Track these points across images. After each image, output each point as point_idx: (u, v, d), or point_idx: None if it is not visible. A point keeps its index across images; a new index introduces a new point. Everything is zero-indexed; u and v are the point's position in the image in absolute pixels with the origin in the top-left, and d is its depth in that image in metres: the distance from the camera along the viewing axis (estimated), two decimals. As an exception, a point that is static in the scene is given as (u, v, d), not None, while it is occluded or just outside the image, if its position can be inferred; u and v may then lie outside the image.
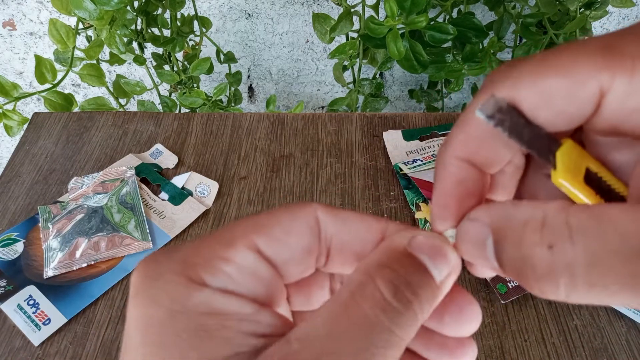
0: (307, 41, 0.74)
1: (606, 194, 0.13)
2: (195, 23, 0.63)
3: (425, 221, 0.39)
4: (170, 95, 0.68)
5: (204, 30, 0.63)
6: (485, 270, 0.14)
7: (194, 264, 0.13)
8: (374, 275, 0.12)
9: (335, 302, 0.12)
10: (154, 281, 0.12)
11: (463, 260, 0.14)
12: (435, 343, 0.14)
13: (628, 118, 0.12)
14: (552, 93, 0.12)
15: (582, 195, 0.13)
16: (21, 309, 0.35)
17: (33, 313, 0.35)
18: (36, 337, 0.34)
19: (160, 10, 0.59)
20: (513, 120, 0.12)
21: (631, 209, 0.10)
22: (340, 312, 0.12)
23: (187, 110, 0.64)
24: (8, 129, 0.53)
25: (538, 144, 0.13)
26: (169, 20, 0.60)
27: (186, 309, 0.12)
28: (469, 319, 0.14)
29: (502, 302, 0.35)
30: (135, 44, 0.62)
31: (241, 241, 0.13)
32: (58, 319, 0.35)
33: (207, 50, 0.72)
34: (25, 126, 0.50)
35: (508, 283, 0.35)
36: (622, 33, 0.12)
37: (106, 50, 0.59)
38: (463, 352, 0.14)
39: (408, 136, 0.46)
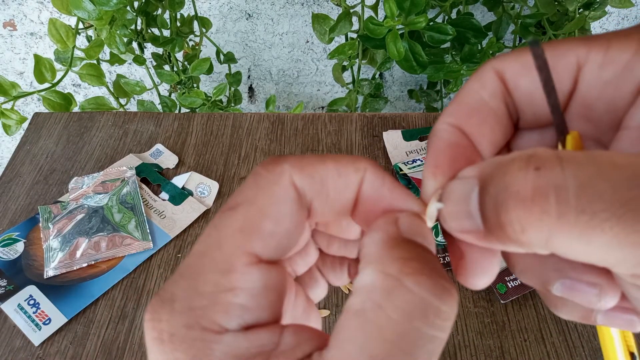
0: (307, 41, 0.74)
1: None
2: (195, 23, 0.63)
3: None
4: (170, 95, 0.68)
5: (204, 30, 0.63)
6: (477, 271, 0.13)
7: (201, 308, 0.11)
8: (398, 275, 0.11)
9: (362, 319, 0.10)
10: (169, 345, 0.11)
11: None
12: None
13: (602, 94, 0.12)
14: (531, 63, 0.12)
15: None
16: (22, 308, 0.35)
17: (33, 313, 0.35)
18: (36, 337, 0.34)
19: (160, 11, 0.59)
20: (548, 76, 0.12)
21: (623, 153, 0.10)
22: (374, 333, 0.10)
23: (187, 111, 0.64)
24: (6, 128, 0.53)
25: (558, 114, 0.13)
26: (168, 20, 0.60)
27: None
28: None
29: (502, 302, 0.35)
30: (135, 44, 0.63)
31: (238, 260, 0.12)
32: (58, 318, 0.35)
33: (207, 51, 0.72)
34: (25, 126, 0.50)
35: (508, 283, 0.35)
36: (599, 35, 0.13)
37: (106, 50, 0.59)
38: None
39: (408, 136, 0.46)
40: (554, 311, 0.14)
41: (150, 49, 0.67)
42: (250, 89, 0.81)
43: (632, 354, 0.14)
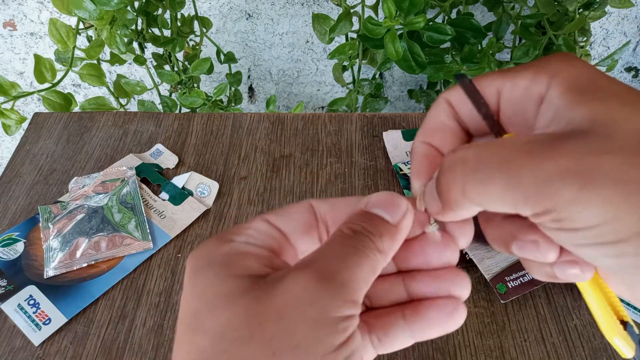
0: (307, 41, 0.75)
1: None
2: (196, 23, 0.63)
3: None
4: (170, 95, 0.68)
5: (204, 30, 0.63)
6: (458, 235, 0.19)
7: (225, 233, 0.18)
8: (341, 227, 0.18)
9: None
10: (198, 250, 0.18)
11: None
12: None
13: (516, 109, 0.18)
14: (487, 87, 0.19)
15: None
16: (21, 308, 0.35)
17: (33, 313, 0.35)
18: (36, 337, 0.34)
19: (160, 11, 0.59)
20: (477, 97, 0.18)
21: (507, 139, 0.16)
22: (327, 242, 0.18)
23: (187, 110, 0.64)
24: (6, 127, 0.53)
25: (491, 122, 0.18)
26: (169, 20, 0.60)
27: (218, 253, 0.17)
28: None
29: (502, 301, 0.35)
30: (135, 44, 0.63)
31: (257, 218, 0.19)
32: (58, 318, 0.35)
33: (208, 51, 0.72)
34: (25, 126, 0.50)
35: (508, 283, 0.35)
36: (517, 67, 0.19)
37: (106, 50, 0.59)
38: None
39: (408, 136, 0.46)
40: (530, 274, 0.19)
41: (150, 49, 0.67)
42: (251, 89, 0.81)
43: (622, 322, 0.17)
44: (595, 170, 0.14)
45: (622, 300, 0.35)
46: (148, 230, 0.39)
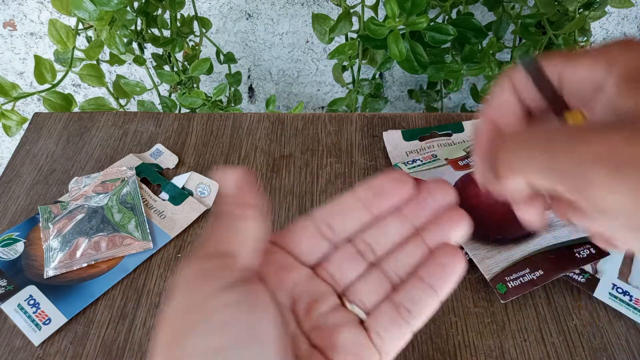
0: (307, 41, 0.74)
1: None
2: (195, 23, 0.63)
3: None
4: (170, 95, 0.68)
5: (204, 30, 0.63)
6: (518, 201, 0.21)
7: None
8: None
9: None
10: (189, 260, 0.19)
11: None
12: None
13: (577, 90, 0.20)
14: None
15: None
16: (21, 308, 0.35)
17: (33, 313, 0.35)
18: (36, 337, 0.34)
19: (160, 11, 0.59)
20: (540, 77, 0.20)
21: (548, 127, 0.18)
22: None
23: (187, 111, 0.64)
24: (7, 128, 0.53)
25: (553, 101, 0.20)
26: (168, 20, 0.60)
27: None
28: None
29: (502, 301, 0.35)
30: (135, 45, 0.63)
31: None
32: (58, 318, 0.35)
33: (207, 51, 0.72)
34: (25, 126, 0.50)
35: (508, 283, 0.35)
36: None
37: (106, 50, 0.59)
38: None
39: (408, 136, 0.46)
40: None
41: (150, 49, 0.67)
42: (250, 89, 0.81)
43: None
44: (626, 158, 0.15)
45: (621, 300, 0.35)
46: (148, 230, 0.39)
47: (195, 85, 0.65)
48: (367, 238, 0.21)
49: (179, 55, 0.67)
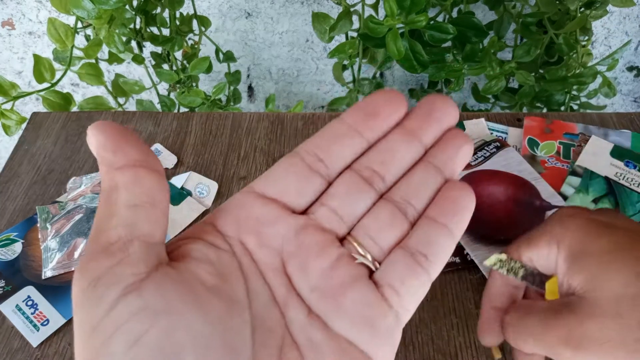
0: (307, 40, 0.74)
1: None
2: (195, 22, 0.62)
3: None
4: (169, 94, 0.68)
5: (203, 29, 0.63)
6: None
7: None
8: None
9: None
10: None
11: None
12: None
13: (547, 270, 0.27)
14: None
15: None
16: (20, 309, 0.35)
17: (32, 314, 0.35)
18: (35, 338, 0.34)
19: (159, 9, 0.59)
20: (515, 267, 0.26)
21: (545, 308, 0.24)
22: None
23: (186, 110, 0.63)
24: (6, 128, 0.53)
25: (532, 280, 0.26)
26: (168, 19, 0.59)
27: None
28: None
29: (503, 302, 0.35)
30: (134, 43, 0.62)
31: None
32: (57, 319, 0.35)
33: (207, 50, 0.71)
34: (23, 126, 0.50)
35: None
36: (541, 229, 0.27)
37: (105, 49, 0.59)
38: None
39: (408, 136, 0.46)
40: None
41: (149, 48, 0.67)
42: (250, 88, 0.81)
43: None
44: (583, 337, 0.21)
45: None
46: (147, 231, 0.39)
47: (194, 84, 0.65)
48: (372, 164, 0.17)
49: (178, 54, 0.66)
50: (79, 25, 0.55)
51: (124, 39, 0.57)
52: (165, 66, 0.65)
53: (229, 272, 0.15)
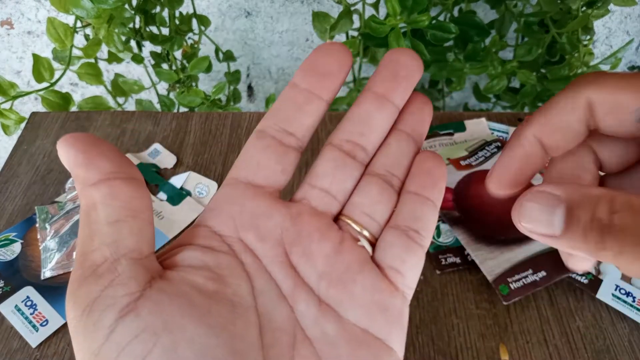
0: (307, 40, 0.74)
1: None
2: (194, 21, 0.62)
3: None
4: (168, 94, 0.68)
5: (203, 28, 0.63)
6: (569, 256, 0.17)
7: None
8: None
9: None
10: None
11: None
12: None
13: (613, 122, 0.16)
14: (623, 104, 0.15)
15: None
16: (18, 310, 0.35)
17: (31, 314, 0.35)
18: (34, 339, 0.34)
19: (158, 9, 0.59)
20: None
21: None
22: None
23: (186, 110, 0.63)
24: (5, 128, 0.52)
25: None
26: (167, 18, 0.59)
27: None
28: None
29: (504, 303, 0.34)
30: (133, 43, 0.62)
31: None
32: (56, 320, 0.34)
33: (206, 49, 0.71)
34: (22, 125, 0.50)
35: (510, 285, 0.35)
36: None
37: (104, 48, 0.59)
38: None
39: (409, 136, 0.45)
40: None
41: (148, 47, 0.67)
42: (250, 87, 0.81)
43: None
44: None
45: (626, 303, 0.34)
46: (146, 231, 0.39)
47: (194, 84, 0.64)
48: (352, 136, 0.17)
49: (178, 54, 0.66)
50: (78, 24, 0.55)
51: (123, 38, 0.57)
52: (165, 66, 0.64)
53: (228, 274, 0.15)
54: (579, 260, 0.17)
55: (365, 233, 0.16)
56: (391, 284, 0.16)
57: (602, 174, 0.18)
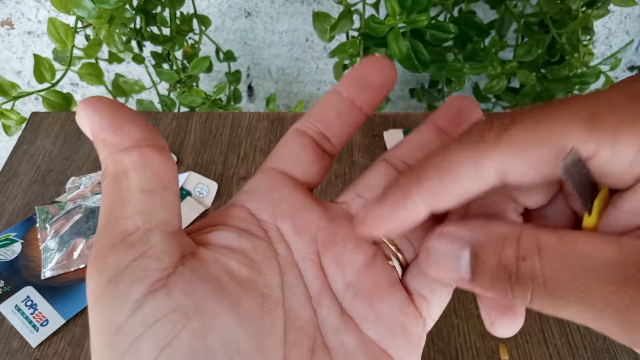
0: (307, 40, 0.74)
1: None
2: (195, 21, 0.62)
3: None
4: (169, 94, 0.68)
5: (203, 28, 0.63)
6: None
7: None
8: None
9: None
10: None
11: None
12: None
13: (607, 177, 0.13)
14: (540, 161, 0.12)
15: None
16: (19, 310, 0.35)
17: (31, 314, 0.35)
18: (34, 339, 0.34)
19: (159, 9, 0.59)
20: (580, 173, 0.12)
21: (594, 237, 0.12)
22: None
23: (186, 110, 0.63)
24: (6, 128, 0.53)
25: (584, 191, 0.13)
26: (168, 18, 0.59)
27: None
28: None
29: (504, 303, 0.34)
30: (134, 43, 0.62)
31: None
32: (56, 320, 0.34)
33: (207, 49, 0.71)
34: (23, 125, 0.50)
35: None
36: (604, 102, 0.12)
37: (105, 49, 0.59)
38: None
39: (409, 136, 0.45)
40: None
41: (149, 47, 0.67)
42: (250, 87, 0.81)
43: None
44: None
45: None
46: (146, 231, 0.39)
47: (194, 84, 0.64)
48: (408, 159, 0.17)
49: (178, 54, 0.66)
50: (79, 24, 0.55)
51: (124, 38, 0.57)
52: (166, 66, 0.65)
53: (263, 262, 0.14)
54: (500, 326, 0.15)
55: (399, 255, 0.16)
56: (415, 310, 0.15)
57: None
